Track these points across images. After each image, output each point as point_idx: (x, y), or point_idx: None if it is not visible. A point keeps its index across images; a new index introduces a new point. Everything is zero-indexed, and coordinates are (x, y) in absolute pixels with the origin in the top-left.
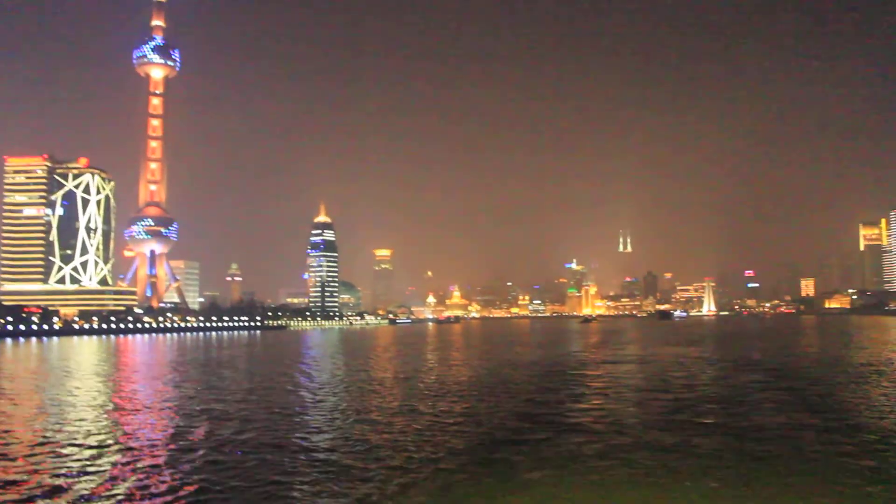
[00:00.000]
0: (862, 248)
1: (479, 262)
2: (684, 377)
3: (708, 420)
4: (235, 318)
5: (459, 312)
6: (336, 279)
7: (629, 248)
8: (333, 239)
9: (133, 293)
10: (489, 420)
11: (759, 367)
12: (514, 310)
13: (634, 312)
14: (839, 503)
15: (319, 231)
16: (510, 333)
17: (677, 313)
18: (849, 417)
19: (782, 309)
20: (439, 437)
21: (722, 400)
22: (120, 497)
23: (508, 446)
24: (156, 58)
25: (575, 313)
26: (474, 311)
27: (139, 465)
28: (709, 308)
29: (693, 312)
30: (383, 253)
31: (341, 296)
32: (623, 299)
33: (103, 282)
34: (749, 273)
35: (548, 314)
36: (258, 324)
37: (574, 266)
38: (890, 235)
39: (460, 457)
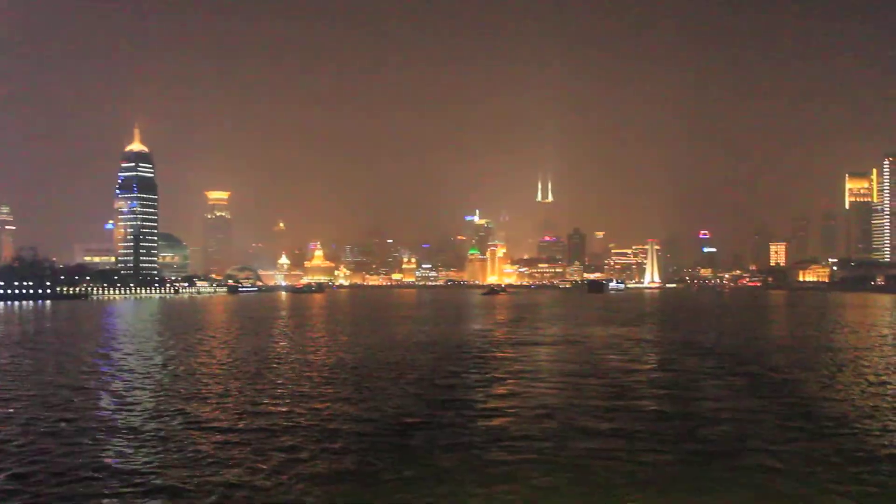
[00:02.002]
0: (847, 205)
1: (350, 211)
2: (621, 361)
3: (648, 407)
4: (7, 283)
5: (323, 278)
6: (155, 231)
7: (550, 198)
8: (152, 175)
9: None
10: (384, 407)
11: (713, 352)
12: (397, 276)
13: (555, 282)
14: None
15: (132, 164)
16: (392, 306)
17: (612, 284)
18: (810, 405)
19: (745, 281)
20: (331, 425)
21: (666, 386)
22: None
23: (414, 432)
24: None
25: (477, 282)
26: (342, 276)
27: None
28: (652, 278)
29: (632, 284)
30: (219, 196)
31: (162, 254)
32: (541, 265)
33: None
34: (704, 234)
35: (441, 282)
36: (46, 292)
37: (476, 219)
38: (882, 189)
39: (358, 446)
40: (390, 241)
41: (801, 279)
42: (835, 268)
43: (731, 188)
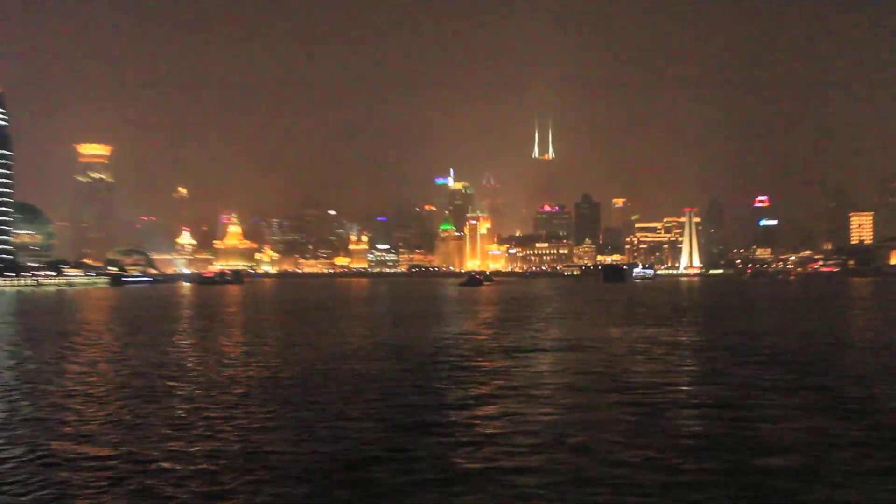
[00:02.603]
0: None
1: (278, 174)
2: (652, 373)
3: (689, 431)
4: None
5: (241, 264)
6: (8, 200)
7: (550, 154)
8: (5, 124)
9: None
10: (337, 435)
11: (775, 360)
12: (342, 260)
13: (558, 268)
14: None
15: None
16: (336, 302)
17: (637, 270)
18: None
19: (817, 265)
20: (265, 461)
21: (713, 405)
22: None
23: (376, 467)
24: None
25: (451, 268)
26: (268, 261)
27: None
28: (690, 262)
29: (663, 270)
30: (96, 151)
31: (17, 231)
32: (539, 245)
33: None
34: (761, 202)
35: (403, 268)
36: None
37: (451, 183)
38: None
39: (303, 488)
40: (332, 212)
41: (893, 262)
42: None
43: (798, 140)
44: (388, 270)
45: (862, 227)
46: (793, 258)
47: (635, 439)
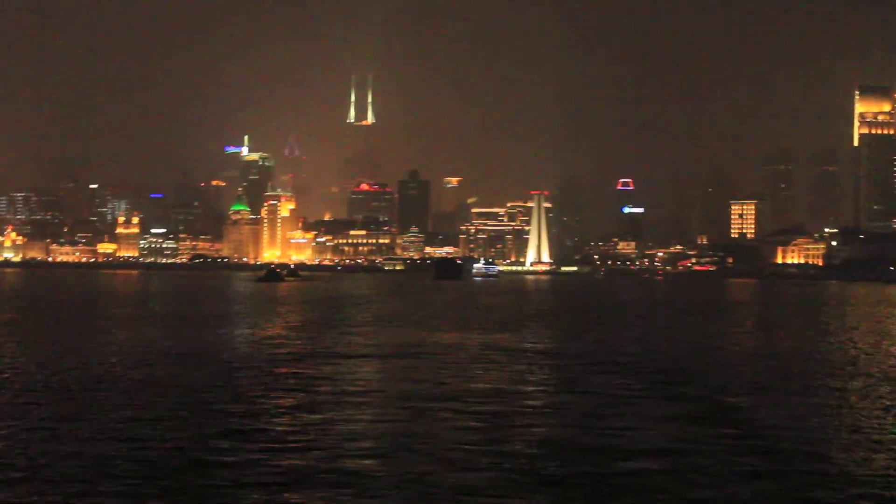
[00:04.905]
0: (855, 141)
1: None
2: (497, 380)
3: (540, 438)
4: None
5: None
6: None
7: (370, 119)
8: None
9: None
10: (140, 436)
11: (638, 368)
12: (107, 247)
13: (379, 261)
14: None
15: None
16: (100, 298)
17: (478, 265)
18: (768, 436)
19: (690, 263)
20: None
21: (569, 413)
22: None
23: (195, 470)
24: None
25: (245, 259)
26: (9, 247)
27: None
28: (538, 256)
29: (505, 265)
30: None
31: None
32: (354, 231)
33: None
34: (625, 185)
35: (184, 258)
36: None
37: (245, 153)
38: None
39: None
40: (94, 185)
41: (780, 260)
42: (834, 243)
43: (670, 115)
44: (164, 261)
45: (744, 219)
46: (661, 254)
47: (475, 447)
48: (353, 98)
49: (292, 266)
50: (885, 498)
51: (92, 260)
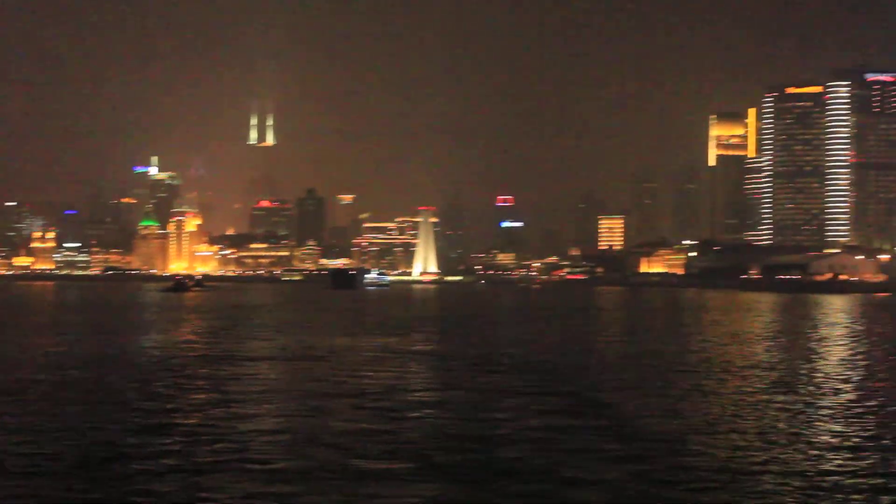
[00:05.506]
0: (713, 160)
1: None
2: (389, 379)
3: (427, 428)
4: None
5: None
6: None
7: (270, 140)
8: None
9: None
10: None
11: (515, 367)
12: (23, 260)
13: (278, 272)
14: None
15: None
16: (19, 308)
17: (371, 276)
18: (630, 425)
19: (563, 272)
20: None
21: (453, 407)
22: None
23: (126, 459)
24: None
25: (154, 271)
26: None
27: None
28: (425, 267)
29: (395, 275)
30: None
31: None
32: (255, 245)
33: None
34: (504, 201)
35: (97, 270)
36: None
37: (154, 172)
38: (762, 139)
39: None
40: (11, 203)
41: (644, 269)
42: (692, 254)
43: (545, 138)
44: (78, 273)
45: (612, 232)
46: (537, 264)
47: (379, 435)
48: (254, 122)
49: (198, 277)
50: (732, 470)
51: (9, 273)
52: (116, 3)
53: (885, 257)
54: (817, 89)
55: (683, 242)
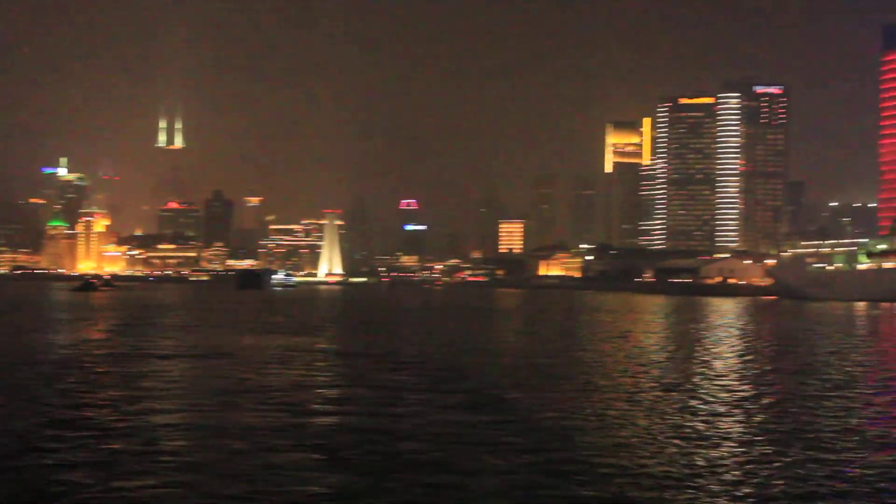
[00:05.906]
0: (609, 167)
1: None
2: (296, 376)
3: (329, 423)
4: None
5: None
6: None
7: (178, 143)
8: None
9: None
10: None
11: (417, 365)
12: None
13: (185, 272)
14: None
15: None
16: None
17: (278, 277)
18: (528, 421)
19: (464, 275)
20: None
21: (358, 403)
22: None
23: (39, 452)
24: None
25: (62, 271)
26: None
27: None
28: (330, 268)
29: (300, 277)
30: None
31: None
32: (163, 245)
33: None
34: (408, 204)
35: (4, 270)
36: None
37: (63, 173)
38: (657, 147)
39: None
40: None
41: (543, 272)
42: (590, 257)
43: (442, 141)
44: None
45: (511, 236)
46: (439, 266)
47: (280, 431)
48: (163, 125)
49: (107, 277)
50: (620, 464)
51: None
52: (23, 5)
53: (771, 262)
54: (709, 100)
55: (581, 246)
